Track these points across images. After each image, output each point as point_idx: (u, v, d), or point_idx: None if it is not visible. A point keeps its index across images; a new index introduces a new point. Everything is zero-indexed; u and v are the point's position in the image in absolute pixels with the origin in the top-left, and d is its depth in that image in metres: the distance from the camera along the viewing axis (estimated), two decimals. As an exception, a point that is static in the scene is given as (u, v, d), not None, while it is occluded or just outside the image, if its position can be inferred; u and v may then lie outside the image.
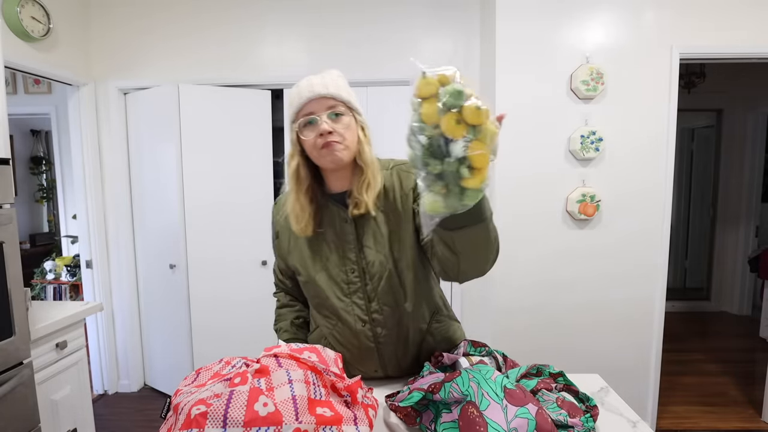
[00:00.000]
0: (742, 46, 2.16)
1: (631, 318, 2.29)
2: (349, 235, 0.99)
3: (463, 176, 0.62)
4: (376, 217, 0.98)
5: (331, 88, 0.94)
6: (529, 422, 0.70)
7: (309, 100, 0.93)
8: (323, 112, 0.93)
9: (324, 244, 1.02)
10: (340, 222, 1.00)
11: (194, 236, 2.61)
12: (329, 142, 0.92)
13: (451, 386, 0.75)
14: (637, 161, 2.22)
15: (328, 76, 0.96)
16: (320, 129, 0.92)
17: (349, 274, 1.00)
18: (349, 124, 0.95)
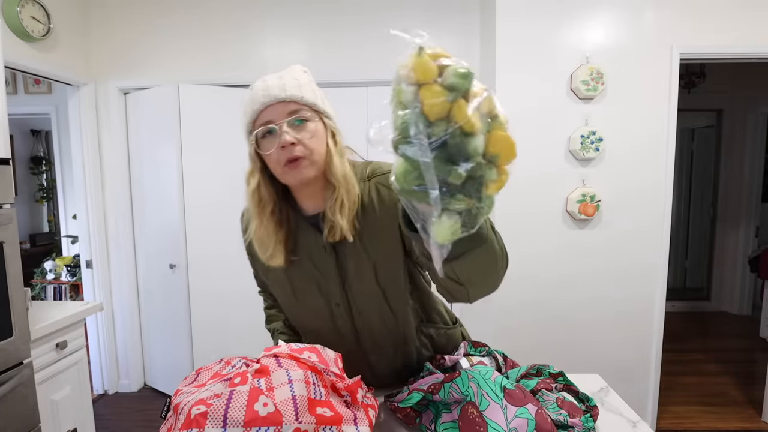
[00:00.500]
0: (742, 46, 2.16)
1: (631, 318, 2.29)
2: (328, 265, 0.86)
3: (489, 180, 0.47)
4: (355, 241, 0.83)
5: (290, 90, 0.79)
6: (528, 422, 0.70)
7: (265, 106, 0.79)
8: (283, 119, 0.78)
9: (302, 274, 0.88)
10: (317, 249, 0.86)
11: (194, 236, 2.61)
12: (295, 157, 0.78)
13: (451, 387, 0.75)
14: (637, 161, 2.22)
15: (288, 74, 0.82)
16: (281, 141, 0.77)
17: (334, 308, 0.89)
18: (315, 130, 0.81)
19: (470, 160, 0.45)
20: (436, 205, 0.46)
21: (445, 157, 0.45)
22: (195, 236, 2.62)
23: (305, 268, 0.87)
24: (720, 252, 4.39)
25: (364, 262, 0.85)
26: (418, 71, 0.46)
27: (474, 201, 0.47)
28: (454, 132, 0.44)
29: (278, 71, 0.84)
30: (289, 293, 0.92)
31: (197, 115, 2.58)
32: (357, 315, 0.89)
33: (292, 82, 0.80)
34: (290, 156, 0.78)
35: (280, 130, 0.78)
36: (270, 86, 0.79)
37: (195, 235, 2.62)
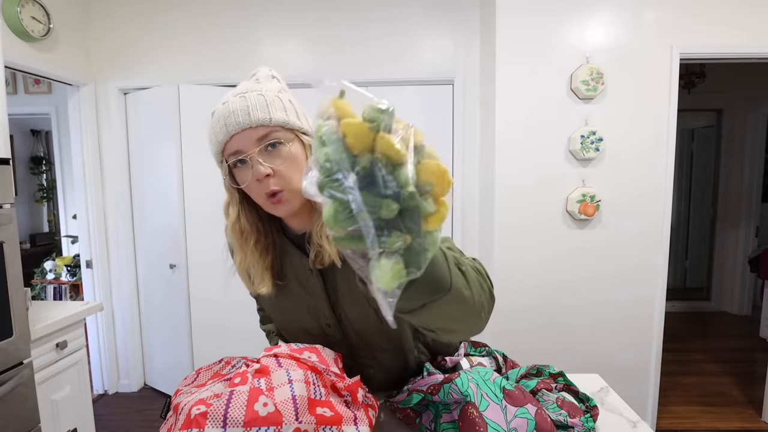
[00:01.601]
0: (742, 46, 2.16)
1: (631, 318, 2.29)
2: (316, 287, 0.81)
3: (426, 212, 0.42)
4: (344, 264, 0.77)
5: (256, 112, 0.70)
6: (528, 422, 0.71)
7: (230, 135, 0.71)
8: (254, 147, 0.70)
9: (290, 297, 0.83)
10: (303, 271, 0.81)
11: (194, 236, 2.61)
12: (272, 192, 0.71)
13: (450, 387, 0.75)
14: (638, 161, 2.22)
15: (252, 90, 0.73)
16: (255, 173, 0.70)
17: (325, 328, 0.85)
18: (291, 154, 0.72)
19: (402, 191, 0.41)
20: (372, 246, 0.41)
21: (374, 191, 0.41)
22: (195, 236, 2.62)
23: (293, 290, 0.83)
24: (720, 252, 4.39)
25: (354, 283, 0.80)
26: (338, 107, 0.43)
27: (413, 236, 0.43)
28: (380, 162, 0.41)
29: (244, 79, 0.77)
30: (278, 315, 0.89)
31: (197, 115, 2.58)
32: (351, 334, 0.86)
33: (257, 101, 0.71)
34: (268, 190, 0.71)
35: (252, 160, 0.70)
36: (234, 111, 0.70)
37: (195, 235, 2.62)
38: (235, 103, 0.71)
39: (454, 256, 0.59)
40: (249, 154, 0.70)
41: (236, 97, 0.72)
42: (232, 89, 0.75)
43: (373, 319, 0.82)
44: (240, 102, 0.71)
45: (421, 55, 2.61)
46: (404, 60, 2.62)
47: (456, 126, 2.63)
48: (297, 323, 0.87)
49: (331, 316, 0.84)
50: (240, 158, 0.71)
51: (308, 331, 0.87)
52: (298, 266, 0.81)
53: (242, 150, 0.71)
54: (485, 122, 2.47)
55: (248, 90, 0.73)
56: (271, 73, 0.77)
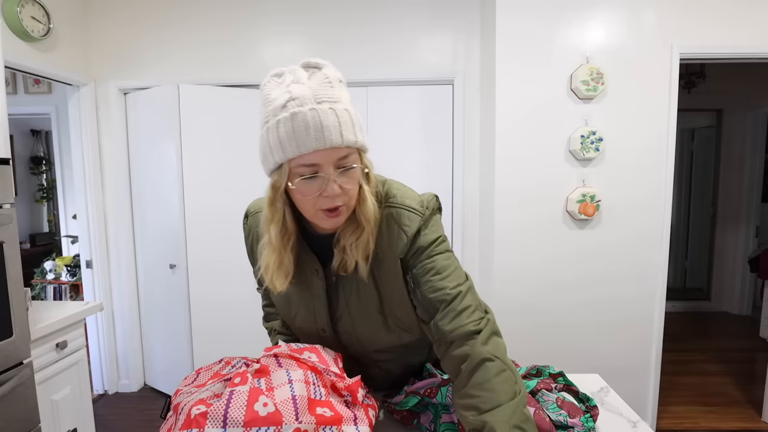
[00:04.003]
0: (742, 46, 2.16)
1: (631, 318, 2.29)
2: (318, 291, 0.82)
3: None
4: (358, 283, 0.78)
5: (347, 134, 0.67)
6: None
7: (315, 150, 0.66)
8: (331, 166, 0.68)
9: (296, 294, 0.83)
10: (310, 272, 0.81)
11: (194, 236, 2.61)
12: (335, 209, 0.70)
13: (448, 390, 0.75)
14: (638, 161, 2.22)
15: (342, 103, 0.69)
16: (328, 190, 0.68)
17: (320, 332, 0.86)
18: (357, 175, 0.71)
19: None
20: None
21: None
22: (195, 236, 2.61)
23: (299, 289, 0.83)
24: (720, 252, 4.39)
25: (363, 295, 0.80)
26: None
27: None
28: None
29: (316, 74, 0.71)
30: (284, 306, 0.90)
31: (197, 115, 2.58)
32: (349, 343, 0.86)
33: (348, 119, 0.68)
34: (330, 206, 0.70)
35: (328, 178, 0.68)
36: (326, 126, 0.65)
37: (195, 235, 2.61)
38: (327, 114, 0.66)
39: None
40: (326, 170, 0.67)
41: (323, 106, 0.66)
42: (296, 79, 0.70)
43: (379, 329, 0.82)
44: (331, 117, 0.66)
45: (421, 55, 2.61)
46: (404, 60, 2.62)
47: (456, 126, 2.63)
48: (297, 320, 0.88)
49: (327, 322, 0.84)
50: (313, 174, 0.68)
51: (307, 330, 0.88)
52: (306, 265, 0.81)
53: (320, 165, 0.67)
54: (485, 122, 2.47)
55: (330, 99, 0.68)
56: (338, 76, 0.72)
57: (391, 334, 0.83)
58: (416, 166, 2.66)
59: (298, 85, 0.68)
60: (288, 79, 0.70)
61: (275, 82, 0.72)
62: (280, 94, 0.68)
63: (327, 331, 0.84)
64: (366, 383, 0.94)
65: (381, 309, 0.80)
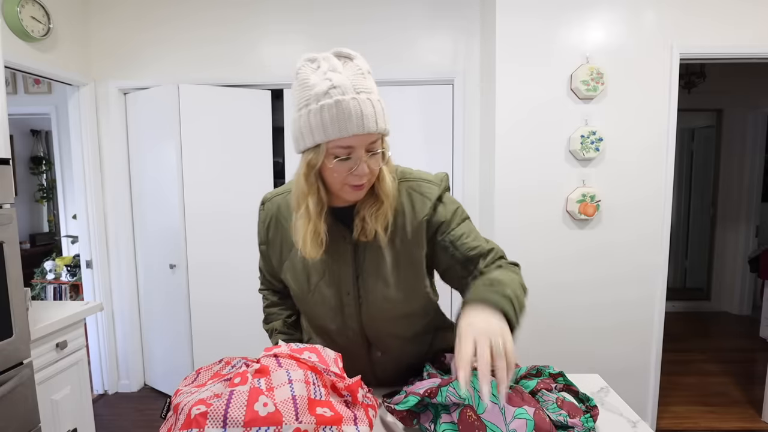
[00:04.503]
0: (742, 46, 2.16)
1: (631, 318, 2.29)
2: (346, 256, 0.89)
3: None
4: (377, 249, 0.88)
5: (381, 122, 0.77)
6: (527, 423, 0.70)
7: (354, 135, 0.75)
8: (363, 149, 0.77)
9: (319, 261, 0.89)
10: (338, 240, 0.88)
11: (194, 236, 2.61)
12: (361, 185, 0.81)
13: (448, 390, 0.75)
14: (638, 161, 2.22)
15: (375, 93, 0.78)
16: (358, 170, 0.78)
17: (344, 297, 0.91)
18: (380, 157, 0.82)
19: None
20: None
21: None
22: (195, 236, 2.62)
23: (325, 257, 0.88)
24: (720, 252, 4.39)
25: (384, 261, 0.89)
26: None
27: None
28: None
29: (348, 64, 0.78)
30: (303, 280, 0.93)
31: (197, 115, 2.58)
32: (366, 307, 0.91)
33: (380, 112, 0.77)
34: (358, 183, 0.80)
35: (360, 159, 0.77)
36: (366, 114, 0.74)
37: (195, 235, 2.62)
38: (366, 104, 0.75)
39: (505, 298, 0.83)
40: (359, 153, 0.77)
41: (362, 96, 0.75)
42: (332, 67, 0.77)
43: (393, 296, 0.90)
44: (368, 107, 0.75)
45: (421, 55, 2.61)
46: (404, 60, 2.62)
47: (456, 126, 2.63)
48: (318, 291, 0.92)
49: (352, 285, 0.90)
50: (348, 155, 0.77)
51: (326, 299, 0.92)
52: (335, 234, 0.88)
53: (354, 148, 0.76)
54: (485, 122, 2.47)
55: (366, 89, 0.76)
56: (367, 68, 0.80)
57: (399, 293, 0.90)
58: (416, 166, 2.65)
59: (335, 73, 0.75)
60: (324, 66, 0.78)
61: (311, 68, 0.80)
62: (320, 80, 0.76)
63: (351, 294, 0.90)
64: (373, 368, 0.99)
65: (397, 272, 0.89)
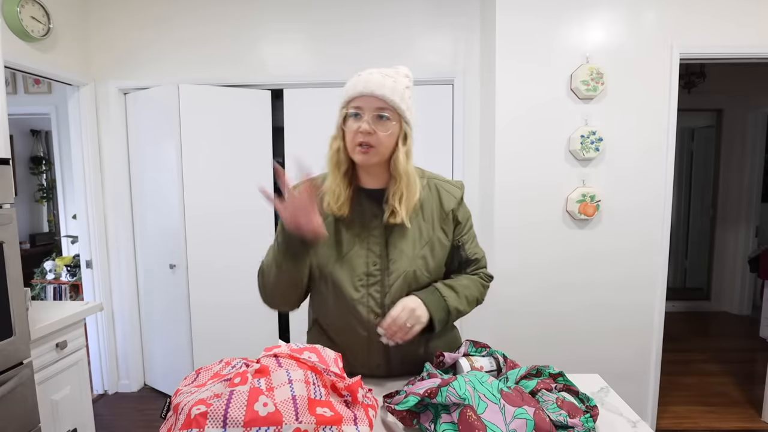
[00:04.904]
0: (743, 46, 2.16)
1: (631, 318, 2.29)
2: (375, 230, 1.01)
3: None
4: (404, 227, 1.00)
5: (384, 90, 0.93)
6: (527, 422, 0.70)
7: (360, 94, 0.94)
8: (369, 111, 0.94)
9: (348, 234, 1.01)
10: (369, 216, 1.01)
11: (194, 236, 2.61)
12: (363, 143, 0.94)
13: (448, 390, 0.75)
14: (638, 161, 2.22)
15: (392, 76, 0.96)
16: (361, 127, 0.94)
17: (371, 266, 1.00)
18: (392, 130, 0.96)
19: None
20: None
21: None
22: (195, 236, 2.61)
23: (354, 229, 1.01)
24: (720, 252, 4.39)
25: (409, 239, 1.01)
26: None
27: None
28: None
29: (391, 67, 0.99)
30: (333, 250, 1.01)
31: (197, 115, 2.58)
32: (390, 276, 1.00)
33: (389, 84, 0.94)
34: (362, 140, 0.94)
35: (364, 117, 0.94)
36: (370, 80, 0.94)
37: (195, 235, 2.61)
38: (377, 75, 0.95)
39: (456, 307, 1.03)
40: (364, 112, 0.94)
41: (380, 73, 0.95)
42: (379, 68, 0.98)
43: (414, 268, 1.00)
44: (379, 78, 0.94)
45: (421, 55, 2.61)
46: (404, 60, 2.59)
47: (456, 126, 2.63)
48: (349, 262, 1.00)
49: (381, 254, 1.01)
50: (356, 112, 0.95)
51: (354, 269, 1.00)
52: (366, 211, 1.02)
53: (361, 108, 0.95)
54: (485, 122, 2.47)
55: (389, 75, 0.96)
56: (406, 73, 0.99)
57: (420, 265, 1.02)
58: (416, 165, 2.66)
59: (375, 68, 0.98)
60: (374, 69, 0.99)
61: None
62: None
63: (378, 265, 1.00)
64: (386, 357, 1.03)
65: (420, 247, 1.02)
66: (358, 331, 1.01)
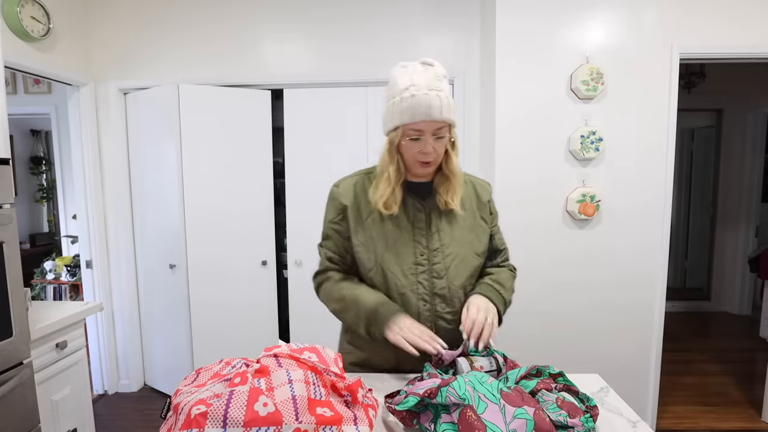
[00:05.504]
0: (742, 46, 2.16)
1: (631, 318, 2.29)
2: (420, 222, 1.09)
3: None
4: (451, 216, 1.09)
5: (445, 113, 0.97)
6: (527, 423, 0.70)
7: (423, 121, 0.97)
8: (430, 133, 0.99)
9: (395, 227, 1.08)
10: (414, 211, 1.09)
11: (194, 236, 2.61)
12: (428, 162, 1.02)
13: (448, 390, 0.75)
14: (638, 161, 2.22)
15: (438, 88, 0.98)
16: (424, 149, 1.00)
17: (418, 255, 1.07)
18: (445, 141, 1.03)
19: None
20: None
21: None
22: (195, 236, 2.61)
23: (401, 223, 1.09)
24: (720, 252, 4.39)
25: (452, 228, 1.09)
26: None
27: None
28: None
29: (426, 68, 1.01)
30: (381, 243, 1.08)
31: (197, 115, 2.58)
32: (436, 262, 1.07)
33: (446, 104, 0.98)
34: (425, 160, 1.02)
35: (426, 141, 1.00)
36: (433, 105, 0.96)
37: (195, 235, 2.61)
38: (434, 98, 0.96)
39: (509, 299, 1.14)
40: (426, 136, 0.99)
41: (432, 92, 0.97)
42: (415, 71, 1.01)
43: (458, 253, 1.08)
44: (436, 99, 0.96)
45: (421, 56, 2.60)
46: (404, 60, 2.61)
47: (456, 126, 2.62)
48: (397, 253, 1.07)
49: (427, 244, 1.08)
50: (417, 136, 1.00)
51: (403, 260, 1.07)
52: (410, 205, 1.09)
53: (423, 132, 0.99)
54: (485, 122, 2.47)
55: (437, 88, 0.98)
56: (444, 73, 1.02)
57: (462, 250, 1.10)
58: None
59: (416, 75, 1.00)
60: (410, 70, 1.02)
61: (401, 71, 1.03)
62: (404, 80, 1.00)
63: (426, 254, 1.07)
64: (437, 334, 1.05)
65: (462, 234, 1.10)
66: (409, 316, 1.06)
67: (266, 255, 2.77)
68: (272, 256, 2.80)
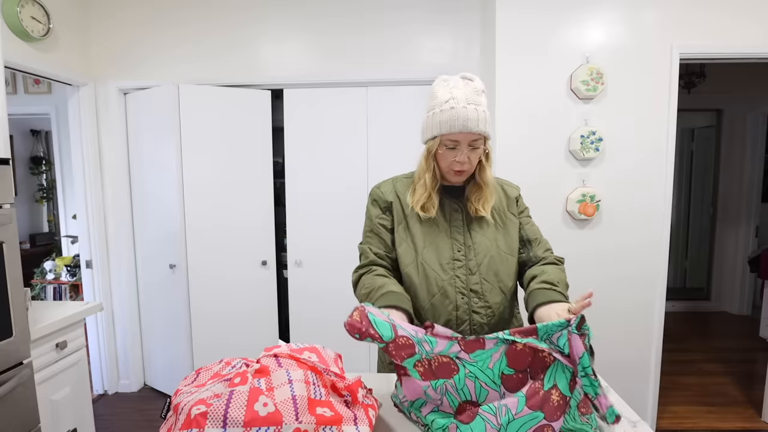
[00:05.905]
0: (742, 46, 2.16)
1: (631, 317, 2.29)
2: (457, 221, 1.16)
3: None
4: (482, 219, 1.15)
5: (482, 126, 1.04)
6: (519, 399, 0.72)
7: (460, 132, 1.04)
8: (465, 143, 1.05)
9: (433, 224, 1.15)
10: (450, 210, 1.17)
11: (194, 236, 2.61)
12: (462, 170, 1.09)
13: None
14: (638, 161, 2.22)
15: (479, 104, 1.04)
16: (459, 158, 1.07)
17: (456, 252, 1.13)
18: (479, 152, 1.09)
19: None
20: None
21: None
22: (195, 236, 2.61)
23: (438, 222, 1.15)
24: (720, 252, 4.39)
25: (487, 226, 1.16)
26: None
27: None
28: None
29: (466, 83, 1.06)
30: (420, 240, 1.14)
31: (197, 115, 2.58)
32: (473, 258, 1.12)
33: (482, 118, 1.04)
34: (459, 168, 1.09)
35: (462, 151, 1.06)
36: (470, 118, 1.02)
37: (195, 235, 2.61)
38: (472, 111, 1.03)
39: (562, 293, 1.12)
40: (461, 146, 1.06)
41: (470, 106, 1.04)
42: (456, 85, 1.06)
43: (494, 250, 1.14)
44: (473, 113, 1.03)
45: (421, 55, 2.61)
46: (404, 60, 2.61)
47: (456, 126, 2.62)
48: (436, 248, 1.13)
49: (464, 241, 1.14)
50: (453, 146, 1.07)
51: (441, 255, 1.13)
52: (447, 206, 1.17)
53: (459, 142, 1.06)
54: (485, 122, 2.47)
55: (475, 102, 1.05)
56: (482, 88, 1.08)
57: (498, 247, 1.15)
58: (415, 166, 2.66)
59: (456, 89, 1.06)
60: (451, 84, 1.08)
61: (443, 84, 1.09)
62: (445, 93, 1.06)
63: (462, 251, 1.13)
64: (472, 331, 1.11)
65: (496, 232, 1.17)
66: (447, 310, 1.10)
67: (266, 255, 2.77)
68: (272, 256, 2.80)
